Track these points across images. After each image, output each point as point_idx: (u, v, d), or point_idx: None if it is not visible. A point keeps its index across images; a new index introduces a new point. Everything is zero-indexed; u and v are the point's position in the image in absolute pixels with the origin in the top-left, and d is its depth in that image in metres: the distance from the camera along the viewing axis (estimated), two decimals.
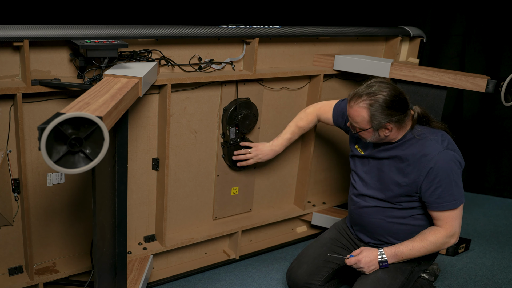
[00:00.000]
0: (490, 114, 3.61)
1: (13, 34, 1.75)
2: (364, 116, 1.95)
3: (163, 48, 2.14)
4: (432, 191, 1.98)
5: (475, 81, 2.44)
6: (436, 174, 1.96)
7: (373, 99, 1.93)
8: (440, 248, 2.04)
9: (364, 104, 1.94)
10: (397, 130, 2.01)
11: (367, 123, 1.97)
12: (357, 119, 1.98)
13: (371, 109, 1.93)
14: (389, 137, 2.03)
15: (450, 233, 2.02)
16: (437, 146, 1.98)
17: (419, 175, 1.99)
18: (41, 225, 2.11)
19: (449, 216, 2.00)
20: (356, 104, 1.97)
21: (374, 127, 1.96)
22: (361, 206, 2.18)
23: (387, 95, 1.93)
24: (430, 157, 1.96)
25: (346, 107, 2.25)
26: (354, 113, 1.99)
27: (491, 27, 3.49)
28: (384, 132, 1.98)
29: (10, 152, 1.95)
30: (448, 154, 1.97)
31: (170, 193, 2.39)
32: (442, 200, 1.98)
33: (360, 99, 1.95)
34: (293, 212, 2.83)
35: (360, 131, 2.02)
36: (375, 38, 2.89)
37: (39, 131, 1.23)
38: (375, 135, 2.00)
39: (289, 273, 2.29)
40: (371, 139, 2.03)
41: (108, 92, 1.61)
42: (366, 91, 1.95)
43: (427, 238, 2.02)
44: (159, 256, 2.45)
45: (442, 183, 1.96)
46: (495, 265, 2.76)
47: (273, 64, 2.53)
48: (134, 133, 2.20)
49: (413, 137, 2.02)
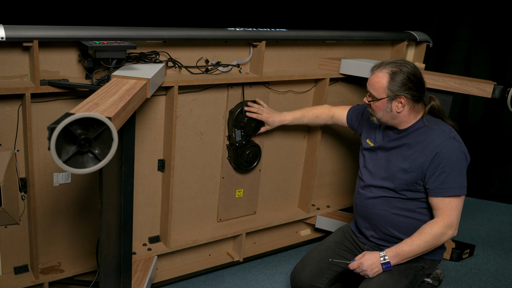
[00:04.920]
0: (496, 120, 3.61)
1: (22, 35, 1.77)
2: (383, 82, 2.01)
3: (170, 50, 2.15)
4: (436, 177, 2.00)
5: (481, 87, 2.45)
6: (441, 159, 1.99)
7: (397, 68, 2.00)
8: (439, 241, 2.02)
9: (387, 71, 2.01)
10: (409, 110, 2.04)
11: (384, 90, 2.01)
12: (376, 85, 2.03)
13: (392, 76, 2.00)
14: (399, 117, 2.05)
15: (448, 223, 2.01)
16: (444, 135, 2.02)
17: (424, 160, 2.01)
18: (47, 224, 2.12)
19: (448, 205, 2.01)
20: (378, 70, 2.04)
21: (389, 96, 2.00)
22: (367, 197, 2.19)
23: (411, 69, 2.02)
24: (436, 143, 2.00)
25: (362, 108, 2.36)
26: (374, 79, 2.04)
27: (497, 33, 3.49)
28: (397, 105, 2.02)
29: (18, 151, 1.97)
30: (455, 143, 2.02)
31: (175, 195, 2.40)
32: (445, 186, 1.99)
33: (384, 67, 2.03)
34: (297, 215, 2.84)
35: (373, 102, 2.05)
36: (381, 43, 2.90)
37: (49, 131, 1.24)
38: (387, 108, 2.03)
39: (293, 275, 2.30)
40: (382, 114, 2.06)
41: (116, 93, 1.62)
42: (391, 61, 2.05)
43: (424, 231, 2.03)
44: (164, 257, 2.46)
45: (446, 168, 1.99)
46: (500, 271, 2.76)
47: (280, 67, 2.54)
48: (141, 134, 2.21)
49: (423, 126, 2.06)
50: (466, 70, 3.61)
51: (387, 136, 2.16)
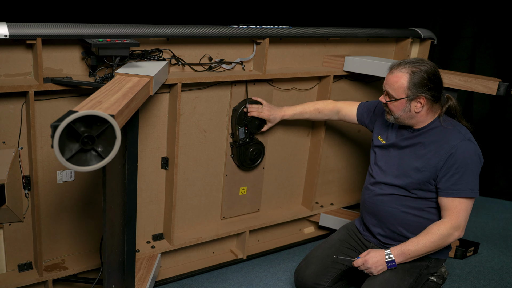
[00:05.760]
0: (500, 117, 3.59)
1: (26, 32, 1.77)
2: (403, 82, 1.97)
3: (174, 47, 2.15)
4: (449, 177, 1.99)
5: (486, 84, 2.43)
6: (455, 160, 1.97)
7: (417, 68, 1.97)
8: (446, 241, 2.02)
9: (407, 70, 1.97)
10: (427, 110, 2.02)
11: (403, 90, 1.98)
12: (395, 85, 1.99)
13: (412, 76, 1.96)
14: (417, 117, 2.03)
15: (455, 224, 2.00)
16: (460, 136, 2.01)
17: (439, 160, 2.00)
18: (50, 222, 2.13)
19: (457, 206, 2.00)
20: (398, 69, 2.00)
21: (409, 96, 1.97)
22: (376, 194, 2.18)
23: (430, 68, 1.98)
24: (452, 144, 1.99)
25: (373, 104, 2.32)
26: (393, 78, 2.00)
27: (502, 30, 3.47)
28: (415, 106, 1.99)
29: (22, 149, 1.97)
30: (471, 145, 2.01)
31: (179, 192, 2.40)
32: (457, 187, 1.98)
33: (404, 66, 1.99)
34: (301, 213, 2.83)
35: (391, 101, 2.02)
36: (386, 40, 2.88)
37: (52, 129, 1.23)
38: (406, 108, 2.00)
39: (297, 273, 2.29)
40: (400, 114, 2.03)
41: (119, 90, 1.62)
42: (410, 61, 2.00)
43: (431, 231, 2.02)
44: (167, 255, 2.46)
45: (460, 169, 1.98)
46: (504, 269, 2.75)
47: (283, 65, 2.53)
48: (144, 132, 2.20)
49: (438, 126, 2.04)
50: (471, 67, 3.59)
51: (401, 134, 2.14)
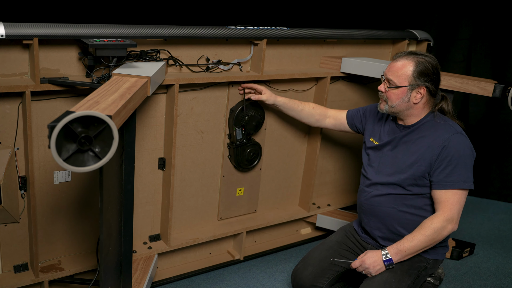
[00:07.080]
0: (496, 118, 3.60)
1: (23, 32, 1.76)
2: (408, 69, 2.01)
3: (171, 48, 2.15)
4: (442, 170, 2.01)
5: (482, 86, 2.44)
6: (448, 153, 2.00)
7: (422, 59, 2.01)
8: (440, 235, 2.02)
9: (413, 59, 2.02)
10: (424, 103, 2.06)
11: (407, 78, 2.01)
12: (399, 72, 2.02)
13: (417, 65, 2.00)
14: (413, 109, 2.06)
15: (448, 217, 2.01)
16: (451, 129, 2.04)
17: (432, 153, 2.02)
18: (47, 223, 2.12)
19: (450, 199, 2.01)
20: (403, 57, 2.04)
21: (412, 85, 2.00)
22: (373, 195, 2.18)
23: (434, 61, 2.04)
24: (444, 137, 2.02)
25: (362, 108, 2.38)
26: (398, 65, 2.03)
27: (498, 31, 3.49)
28: (415, 96, 2.02)
29: (18, 149, 1.96)
30: (462, 137, 2.04)
31: (176, 193, 2.39)
32: (449, 179, 2.00)
33: (409, 55, 2.03)
34: (298, 214, 2.83)
35: (392, 89, 2.04)
36: (382, 41, 2.89)
37: (49, 129, 1.23)
38: (406, 97, 2.03)
39: (294, 274, 2.29)
40: (398, 103, 2.05)
41: (117, 91, 1.61)
42: (415, 52, 2.06)
43: (424, 226, 2.03)
44: (164, 256, 2.46)
45: (452, 162, 2.00)
46: (500, 269, 2.76)
47: (281, 66, 2.53)
48: (141, 133, 2.20)
49: (431, 120, 2.07)
50: (467, 69, 3.61)
51: (393, 132, 2.16)
